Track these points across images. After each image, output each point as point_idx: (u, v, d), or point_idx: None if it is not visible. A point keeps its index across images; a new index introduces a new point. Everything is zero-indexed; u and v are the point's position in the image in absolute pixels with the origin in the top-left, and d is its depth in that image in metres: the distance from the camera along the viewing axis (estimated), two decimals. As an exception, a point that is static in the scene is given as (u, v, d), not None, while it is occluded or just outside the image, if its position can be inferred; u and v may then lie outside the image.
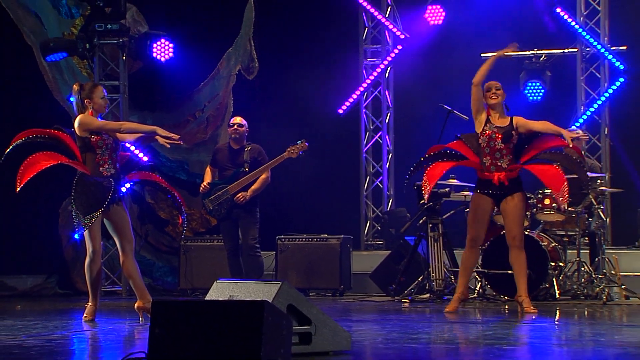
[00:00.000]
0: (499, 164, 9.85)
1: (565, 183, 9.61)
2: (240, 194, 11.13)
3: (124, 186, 9.36)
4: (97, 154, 9.20)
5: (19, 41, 14.29)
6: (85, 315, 9.30)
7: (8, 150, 9.45)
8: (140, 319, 9.16)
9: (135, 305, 9.31)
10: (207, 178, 11.52)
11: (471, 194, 11.63)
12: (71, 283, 13.56)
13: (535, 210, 11.63)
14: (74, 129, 9.15)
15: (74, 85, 9.41)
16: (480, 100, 9.99)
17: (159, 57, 13.82)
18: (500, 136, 9.83)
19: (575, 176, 11.37)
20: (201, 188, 11.49)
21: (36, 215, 10.53)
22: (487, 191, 9.90)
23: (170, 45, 13.80)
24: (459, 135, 10.16)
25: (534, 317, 9.61)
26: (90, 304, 9.39)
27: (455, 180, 11.84)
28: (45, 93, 14.13)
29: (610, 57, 13.74)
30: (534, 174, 9.87)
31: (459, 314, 9.88)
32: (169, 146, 9.76)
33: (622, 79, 13.64)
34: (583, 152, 12.50)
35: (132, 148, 10.57)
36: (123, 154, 9.61)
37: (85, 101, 9.17)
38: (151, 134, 9.43)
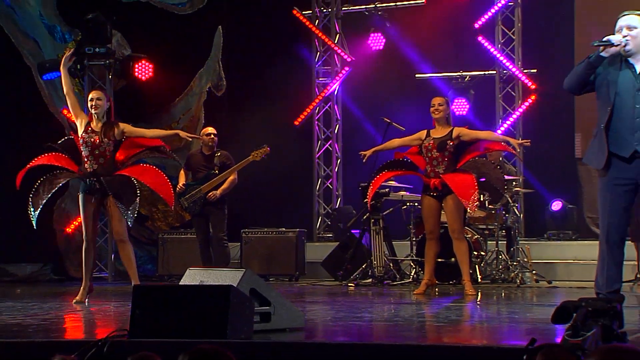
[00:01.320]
0: (436, 170, 9.93)
1: (475, 192, 9.65)
2: (211, 193, 11.17)
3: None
4: (82, 152, 9.27)
5: (20, 62, 14.37)
6: (76, 297, 9.31)
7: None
8: None
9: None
10: (182, 180, 11.51)
11: (407, 193, 11.84)
12: (64, 270, 13.54)
13: (461, 207, 11.75)
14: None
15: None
16: (410, 141, 10.21)
17: (140, 76, 13.85)
18: (435, 146, 9.94)
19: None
20: (177, 188, 11.49)
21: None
22: (429, 193, 10.00)
23: (150, 65, 13.83)
24: None
25: (476, 298, 9.71)
26: (82, 287, 9.40)
27: (394, 182, 11.93)
28: (42, 106, 14.13)
29: (523, 78, 13.85)
30: (448, 184, 9.89)
31: (426, 296, 9.93)
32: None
33: (533, 97, 13.74)
34: (501, 159, 12.66)
35: None
36: None
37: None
38: (174, 137, 9.56)
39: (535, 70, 13.93)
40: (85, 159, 9.23)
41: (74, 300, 9.26)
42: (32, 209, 9.40)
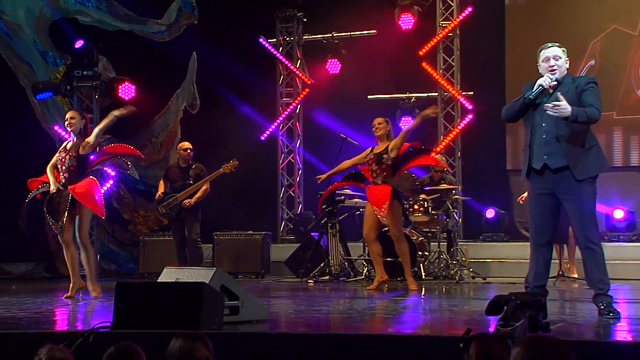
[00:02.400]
0: (375, 181, 10.00)
1: (387, 202, 9.65)
2: (186, 200, 11.16)
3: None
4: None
5: (16, 83, 14.28)
6: (67, 294, 9.28)
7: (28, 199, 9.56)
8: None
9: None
10: (161, 189, 11.50)
11: (360, 200, 11.87)
12: (55, 268, 13.41)
13: (408, 213, 11.78)
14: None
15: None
16: (359, 160, 10.25)
17: (123, 96, 13.76)
18: (374, 160, 10.01)
19: (443, 187, 11.70)
20: (156, 196, 11.48)
21: (29, 215, 10.46)
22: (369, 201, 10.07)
23: (133, 87, 13.78)
24: None
25: (418, 292, 9.79)
26: (71, 284, 9.37)
27: (348, 190, 11.97)
28: (35, 123, 14.04)
29: (461, 99, 13.92)
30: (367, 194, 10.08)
31: (377, 291, 9.93)
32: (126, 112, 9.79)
33: (470, 116, 13.82)
34: (444, 169, 12.73)
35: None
36: None
37: None
38: (113, 121, 9.50)
39: (472, 93, 13.99)
40: (60, 174, 9.31)
41: (64, 295, 9.23)
42: (55, 221, 9.39)
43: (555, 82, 6.66)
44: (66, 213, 9.10)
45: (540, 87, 6.60)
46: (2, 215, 13.20)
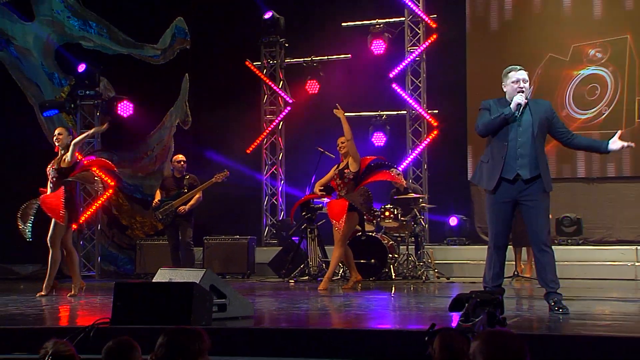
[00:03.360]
0: (340, 194, 10.04)
1: (343, 214, 9.75)
2: (181, 207, 11.15)
3: None
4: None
5: (25, 102, 14.25)
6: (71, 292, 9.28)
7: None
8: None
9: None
10: (157, 197, 11.49)
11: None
12: (59, 270, 13.33)
13: (379, 219, 11.80)
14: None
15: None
16: (329, 179, 10.30)
17: (122, 113, 13.75)
18: (338, 176, 10.06)
19: (411, 196, 11.72)
20: (153, 203, 11.47)
21: (37, 217, 10.49)
22: None
23: (130, 105, 13.76)
24: None
25: (356, 286, 9.99)
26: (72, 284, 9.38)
27: (326, 199, 11.97)
28: (43, 138, 13.94)
29: (427, 117, 13.92)
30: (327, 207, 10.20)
31: (352, 289, 9.96)
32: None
33: (435, 132, 13.84)
34: (411, 181, 12.75)
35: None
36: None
37: None
38: (90, 135, 9.55)
39: (437, 111, 13.97)
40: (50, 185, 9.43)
41: (68, 294, 9.23)
42: (23, 224, 9.47)
43: (526, 101, 6.77)
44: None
45: (519, 105, 6.69)
46: (11, 221, 13.12)
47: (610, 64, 13.51)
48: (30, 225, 9.46)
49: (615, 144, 6.86)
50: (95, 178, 9.77)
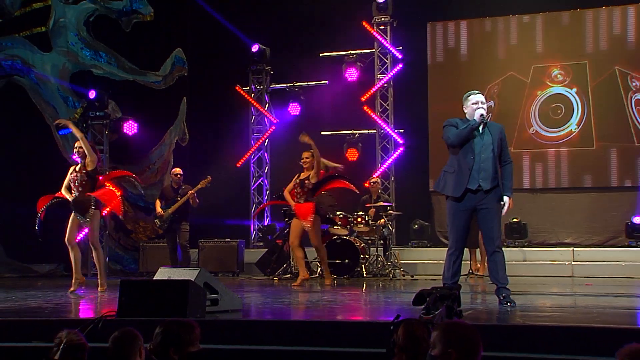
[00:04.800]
0: (300, 201, 10.05)
1: (311, 214, 9.81)
2: (192, 200, 11.18)
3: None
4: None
5: (43, 122, 14.22)
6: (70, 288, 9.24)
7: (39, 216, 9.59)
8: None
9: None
10: (158, 205, 11.44)
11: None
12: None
13: (352, 224, 11.81)
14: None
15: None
16: (293, 186, 10.25)
17: (128, 132, 13.75)
18: (298, 185, 10.06)
19: (380, 204, 11.72)
20: (156, 212, 11.40)
21: (53, 221, 10.46)
22: (295, 217, 10.21)
23: (135, 124, 13.76)
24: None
25: (331, 286, 9.91)
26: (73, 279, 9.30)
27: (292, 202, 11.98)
28: (58, 154, 13.96)
29: (394, 136, 13.97)
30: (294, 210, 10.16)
31: (302, 286, 9.93)
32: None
33: (401, 149, 13.88)
34: (380, 191, 12.76)
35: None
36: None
37: None
38: (84, 137, 9.52)
39: (402, 130, 14.02)
40: (73, 190, 9.33)
41: (69, 290, 9.17)
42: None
43: (487, 114, 6.88)
44: (91, 210, 9.22)
45: (482, 115, 6.78)
46: (30, 224, 13.07)
47: (574, 85, 13.52)
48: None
49: (504, 205, 6.86)
50: (135, 184, 9.81)
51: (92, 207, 9.25)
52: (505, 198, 6.88)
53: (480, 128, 6.89)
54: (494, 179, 6.82)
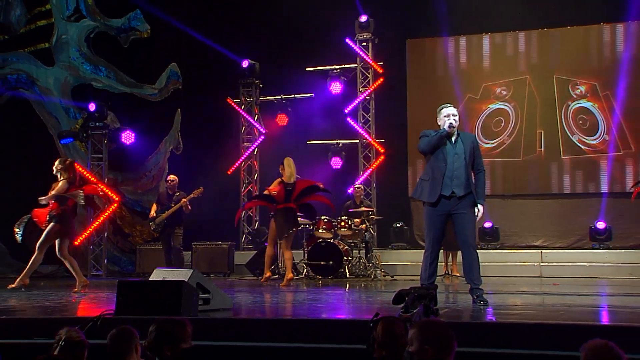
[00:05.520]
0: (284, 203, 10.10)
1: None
2: (185, 207, 11.17)
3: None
4: None
5: (46, 132, 14.20)
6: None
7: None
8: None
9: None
10: (153, 210, 11.43)
11: (301, 219, 11.83)
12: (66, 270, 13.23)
13: (336, 228, 11.80)
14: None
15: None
16: (275, 186, 10.31)
17: (125, 141, 13.67)
18: (282, 188, 10.09)
19: (362, 209, 11.71)
20: (150, 215, 11.40)
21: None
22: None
23: (132, 134, 13.68)
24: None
25: (290, 283, 9.96)
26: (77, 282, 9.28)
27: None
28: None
29: (376, 145, 13.97)
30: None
31: (290, 287, 9.94)
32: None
33: (382, 157, 13.89)
34: (362, 197, 12.76)
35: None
36: None
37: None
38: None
39: (383, 140, 14.04)
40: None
41: (73, 290, 9.15)
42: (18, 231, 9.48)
43: (456, 125, 6.84)
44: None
45: (451, 124, 6.81)
46: (34, 225, 13.01)
47: (513, 100, 13.75)
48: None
49: (478, 212, 6.89)
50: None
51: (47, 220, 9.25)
52: (480, 207, 6.90)
53: (453, 138, 6.91)
54: (466, 185, 6.84)
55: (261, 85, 15.11)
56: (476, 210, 6.89)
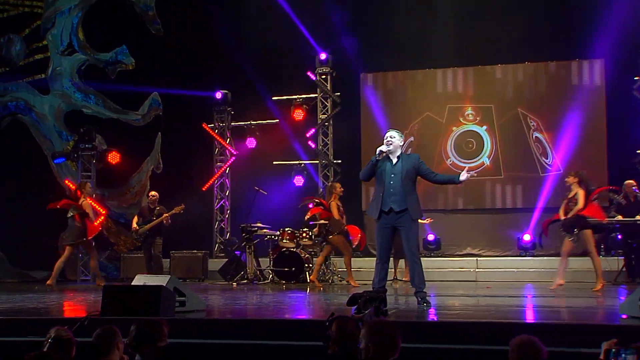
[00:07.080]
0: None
1: None
2: (166, 222, 11.15)
3: None
4: None
5: (41, 152, 14.15)
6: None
7: None
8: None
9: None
10: (134, 222, 11.36)
11: (268, 230, 11.82)
12: (64, 275, 12.98)
13: (298, 238, 11.74)
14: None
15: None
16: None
17: (112, 161, 13.64)
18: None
19: (320, 222, 11.70)
20: (132, 227, 11.31)
21: (51, 234, 10.29)
22: None
23: (118, 155, 13.64)
24: None
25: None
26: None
27: (259, 223, 11.94)
28: (53, 179, 13.80)
29: (334, 165, 14.01)
30: None
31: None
32: None
33: (339, 176, 13.84)
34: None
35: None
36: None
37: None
38: None
39: (340, 161, 14.10)
40: None
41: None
42: None
43: (387, 150, 6.83)
44: None
45: (381, 151, 6.81)
46: (30, 235, 13.01)
47: (484, 123, 13.82)
48: None
49: (463, 175, 6.95)
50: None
51: None
52: (464, 173, 6.86)
53: (394, 160, 6.96)
54: (403, 202, 6.84)
55: (232, 112, 15.07)
56: (467, 174, 6.85)
